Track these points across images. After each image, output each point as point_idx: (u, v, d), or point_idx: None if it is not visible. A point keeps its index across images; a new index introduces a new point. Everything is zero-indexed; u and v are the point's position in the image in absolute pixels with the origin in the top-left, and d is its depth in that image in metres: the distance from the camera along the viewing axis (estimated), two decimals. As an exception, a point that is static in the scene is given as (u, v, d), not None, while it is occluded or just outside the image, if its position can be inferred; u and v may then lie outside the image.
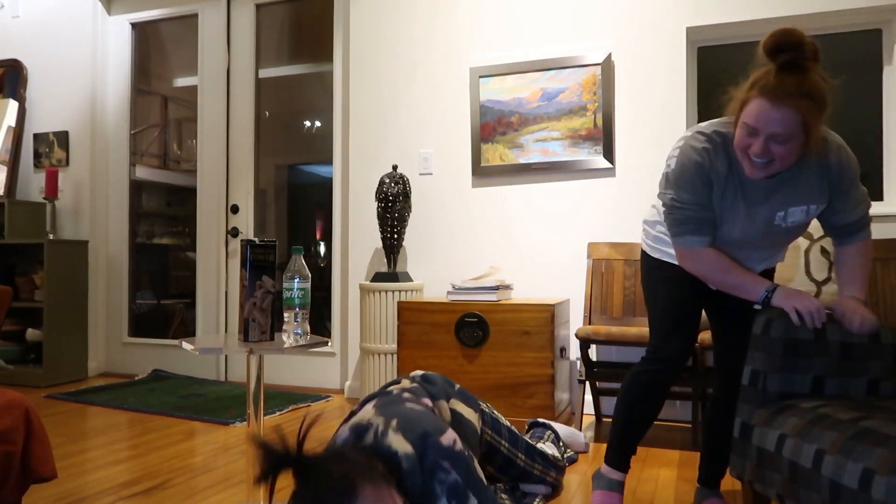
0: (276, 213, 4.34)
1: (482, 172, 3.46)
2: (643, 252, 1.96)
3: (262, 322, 1.82)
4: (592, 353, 3.15)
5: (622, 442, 1.88)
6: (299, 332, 1.86)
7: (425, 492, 1.50)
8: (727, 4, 3.07)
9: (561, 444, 2.40)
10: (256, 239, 1.83)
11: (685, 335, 1.82)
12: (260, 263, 1.81)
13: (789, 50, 1.48)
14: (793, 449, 1.36)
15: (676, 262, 1.81)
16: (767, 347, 1.55)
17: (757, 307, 1.67)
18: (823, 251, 2.68)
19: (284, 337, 1.87)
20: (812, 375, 1.54)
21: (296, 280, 1.84)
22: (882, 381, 1.55)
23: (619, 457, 1.88)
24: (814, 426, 1.34)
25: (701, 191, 1.65)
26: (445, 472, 1.53)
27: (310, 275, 1.90)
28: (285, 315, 1.86)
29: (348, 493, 1.31)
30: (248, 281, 1.79)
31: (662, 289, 1.86)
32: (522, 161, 3.37)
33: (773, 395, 1.54)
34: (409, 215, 3.43)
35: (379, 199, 3.37)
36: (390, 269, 3.44)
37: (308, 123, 4.26)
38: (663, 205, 1.73)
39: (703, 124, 1.71)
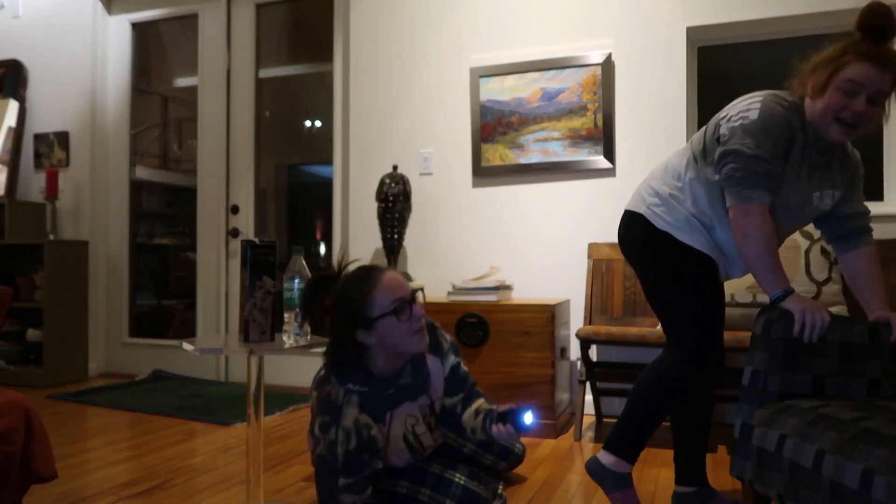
0: (276, 213, 4.34)
1: (482, 172, 3.46)
2: (661, 233, 1.77)
3: (262, 322, 1.81)
4: (593, 353, 3.15)
5: (642, 437, 1.80)
6: (299, 332, 1.86)
7: (432, 337, 1.83)
8: (727, 4, 3.06)
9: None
10: (257, 239, 1.83)
11: (722, 329, 1.78)
12: (260, 264, 1.81)
13: (885, 26, 1.56)
14: (793, 449, 1.36)
15: (707, 251, 1.74)
16: (768, 347, 1.55)
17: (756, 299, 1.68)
18: (823, 251, 2.68)
19: (285, 337, 1.87)
20: (812, 375, 1.54)
21: (296, 280, 1.84)
22: (882, 382, 1.55)
23: (634, 451, 1.81)
24: (814, 426, 1.34)
25: (782, 146, 1.62)
26: (445, 334, 1.91)
27: (310, 275, 1.89)
28: (285, 315, 1.85)
29: (372, 273, 1.71)
30: (249, 281, 1.79)
31: (701, 279, 1.75)
32: (522, 161, 3.36)
33: (774, 395, 1.54)
34: (409, 215, 3.43)
35: (379, 200, 3.37)
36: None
37: (308, 123, 4.26)
38: (739, 155, 1.61)
39: (772, 91, 1.69)
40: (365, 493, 1.67)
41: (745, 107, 1.65)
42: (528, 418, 1.77)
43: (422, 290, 1.72)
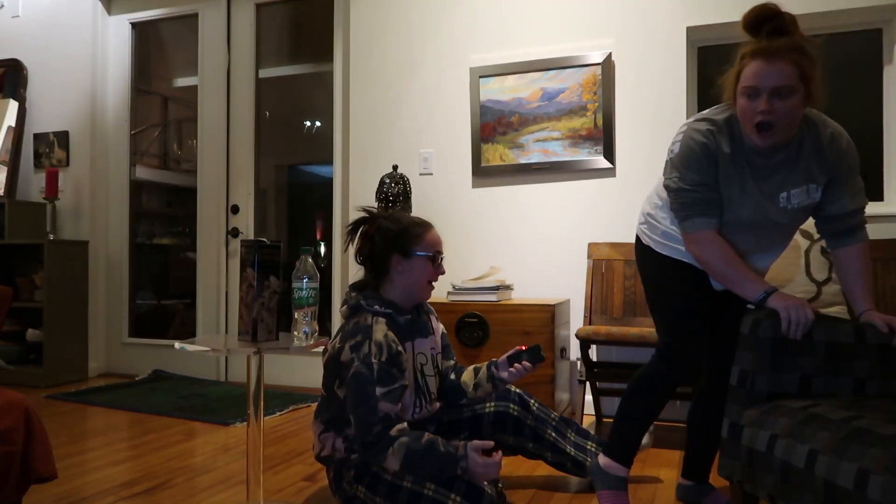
0: (276, 213, 4.34)
1: (482, 172, 3.46)
2: (646, 248, 1.89)
3: (269, 322, 1.83)
4: (593, 353, 3.15)
5: (634, 439, 1.88)
6: (308, 330, 1.88)
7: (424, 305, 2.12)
8: (727, 4, 3.07)
9: None
10: (267, 240, 1.85)
11: (702, 334, 1.82)
12: (267, 264, 1.83)
13: (769, 20, 1.59)
14: (784, 449, 1.36)
15: (686, 260, 1.80)
16: (756, 347, 1.55)
17: (749, 306, 1.67)
18: (824, 251, 2.68)
19: (295, 336, 1.88)
20: (799, 375, 1.54)
21: (305, 280, 1.86)
22: (867, 381, 1.55)
23: (628, 453, 1.89)
24: (805, 426, 1.34)
25: (707, 171, 1.67)
26: None
27: (318, 275, 1.91)
28: (295, 314, 1.87)
29: (427, 223, 2.01)
30: (257, 281, 1.81)
31: (675, 287, 1.83)
32: (522, 161, 3.37)
33: (762, 394, 1.54)
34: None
35: (379, 200, 3.38)
36: (390, 269, 3.44)
37: (308, 123, 4.26)
38: (669, 190, 1.73)
39: (702, 112, 1.76)
40: (398, 404, 1.81)
41: (673, 140, 1.75)
42: (538, 352, 2.02)
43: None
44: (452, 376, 2.13)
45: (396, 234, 1.95)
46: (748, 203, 1.69)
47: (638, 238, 1.95)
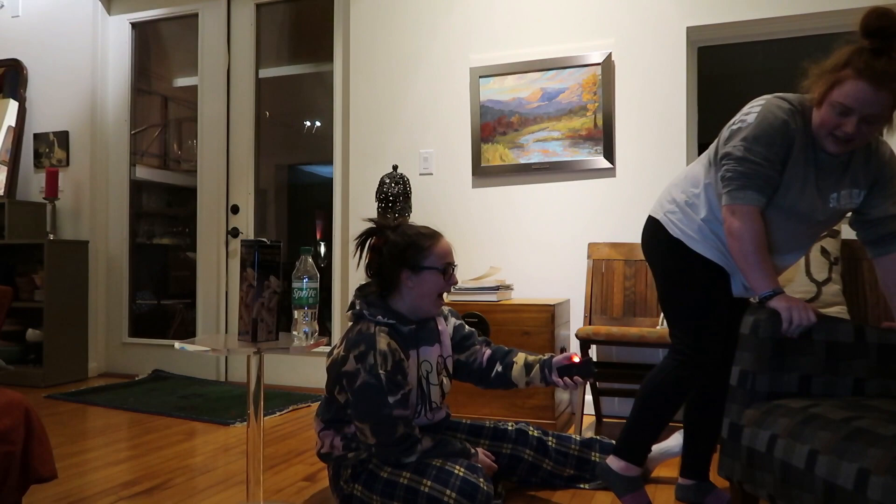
0: (276, 213, 4.34)
1: (482, 172, 3.46)
2: (676, 242, 1.80)
3: (269, 322, 1.83)
4: (593, 353, 3.15)
5: (648, 441, 1.88)
6: (308, 330, 1.88)
7: None
8: (727, 4, 3.06)
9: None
10: (267, 240, 1.85)
11: (722, 337, 1.79)
12: (267, 264, 1.83)
13: (891, 35, 1.49)
14: (784, 449, 1.36)
15: (716, 259, 1.76)
16: (756, 348, 1.55)
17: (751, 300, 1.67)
18: (823, 251, 2.68)
19: (295, 336, 1.88)
20: (799, 374, 1.54)
21: (305, 280, 1.86)
22: (867, 381, 1.55)
23: (642, 454, 1.88)
24: (805, 426, 1.34)
25: (777, 150, 1.62)
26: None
27: (318, 275, 1.91)
28: (295, 314, 1.87)
29: (437, 234, 1.99)
30: (257, 281, 1.81)
31: (705, 287, 1.78)
32: (522, 161, 3.37)
33: (762, 394, 1.54)
34: (409, 216, 3.43)
35: (379, 200, 3.37)
36: (390, 269, 3.43)
37: (308, 123, 4.26)
38: (730, 158, 1.65)
39: (779, 94, 1.70)
40: (409, 409, 1.85)
41: (746, 110, 1.68)
42: (589, 368, 2.04)
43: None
44: (499, 368, 2.10)
45: (404, 249, 1.91)
46: (806, 196, 1.66)
47: (660, 226, 1.85)
